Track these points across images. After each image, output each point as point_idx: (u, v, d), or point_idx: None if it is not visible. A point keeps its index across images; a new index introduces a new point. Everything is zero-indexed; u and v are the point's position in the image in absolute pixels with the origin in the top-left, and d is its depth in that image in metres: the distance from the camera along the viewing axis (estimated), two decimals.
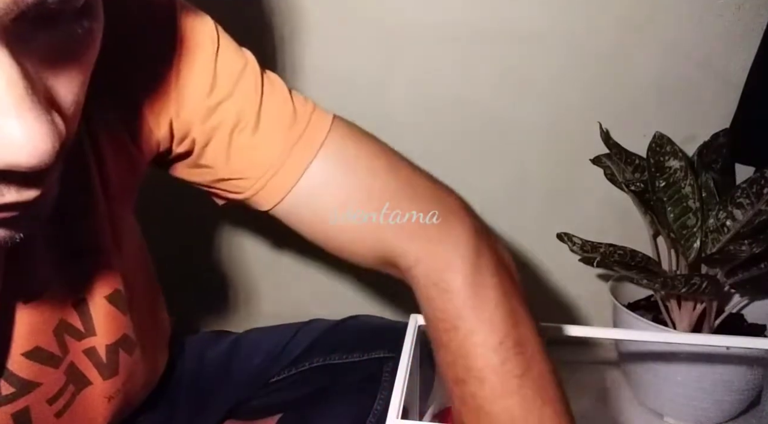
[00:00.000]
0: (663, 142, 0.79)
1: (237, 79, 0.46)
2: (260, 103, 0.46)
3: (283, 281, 1.02)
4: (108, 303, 0.46)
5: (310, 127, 0.47)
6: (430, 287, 0.46)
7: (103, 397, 0.48)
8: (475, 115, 0.91)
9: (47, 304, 0.42)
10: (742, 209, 0.75)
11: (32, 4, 0.23)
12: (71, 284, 0.44)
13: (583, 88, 0.89)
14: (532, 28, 0.86)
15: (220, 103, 0.45)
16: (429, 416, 0.65)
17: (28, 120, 0.23)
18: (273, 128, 0.47)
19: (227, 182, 0.49)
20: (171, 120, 0.46)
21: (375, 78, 0.89)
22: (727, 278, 0.79)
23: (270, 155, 0.47)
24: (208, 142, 0.47)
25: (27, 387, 0.42)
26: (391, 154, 0.51)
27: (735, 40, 0.85)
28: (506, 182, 0.95)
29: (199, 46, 0.45)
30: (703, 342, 0.62)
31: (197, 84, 0.45)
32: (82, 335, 0.45)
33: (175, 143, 0.47)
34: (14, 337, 0.41)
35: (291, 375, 0.67)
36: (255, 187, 0.48)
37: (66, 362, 0.45)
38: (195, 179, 0.51)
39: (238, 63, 0.46)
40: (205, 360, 0.69)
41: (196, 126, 0.46)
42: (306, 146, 0.47)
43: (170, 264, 0.99)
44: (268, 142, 0.47)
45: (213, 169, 0.48)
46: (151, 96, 0.44)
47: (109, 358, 0.47)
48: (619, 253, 0.77)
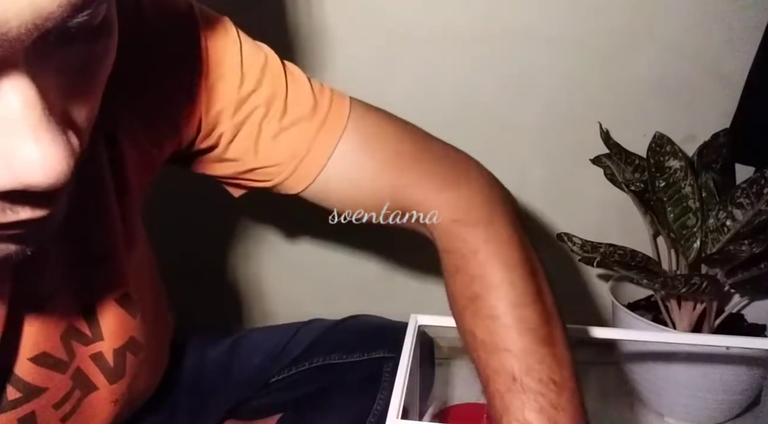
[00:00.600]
0: (663, 142, 0.79)
1: (263, 70, 0.48)
2: (286, 91, 0.49)
3: (283, 281, 1.02)
4: (118, 306, 0.47)
5: (332, 111, 0.50)
6: (450, 224, 0.50)
7: (109, 401, 0.48)
8: (476, 115, 0.91)
9: (55, 309, 0.42)
10: (742, 209, 0.75)
11: (53, 26, 0.22)
12: (81, 288, 0.44)
13: (583, 88, 0.89)
14: (533, 28, 0.86)
15: (251, 94, 0.47)
16: (429, 416, 0.65)
17: (45, 142, 0.24)
18: (299, 114, 0.49)
19: (255, 172, 0.51)
20: (200, 118, 0.47)
21: (375, 78, 0.89)
22: (727, 278, 0.79)
23: (298, 141, 0.49)
24: (236, 134, 0.48)
25: (33, 392, 0.42)
26: (404, 124, 0.54)
27: (735, 40, 0.85)
28: (506, 182, 0.95)
29: (223, 46, 0.46)
30: (703, 342, 0.62)
31: (227, 79, 0.46)
32: (89, 341, 0.46)
33: (200, 139, 0.48)
34: (22, 342, 0.41)
35: (291, 375, 0.67)
36: (284, 173, 0.50)
37: (72, 367, 0.45)
38: (217, 173, 0.52)
39: (260, 55, 0.48)
40: (206, 360, 0.69)
41: (226, 120, 0.47)
42: (331, 129, 0.49)
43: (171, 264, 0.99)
44: (296, 129, 0.49)
45: (239, 161, 0.50)
46: (179, 101, 0.45)
47: (116, 362, 0.47)
48: (619, 253, 0.77)
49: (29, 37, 0.22)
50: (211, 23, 0.46)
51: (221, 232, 0.99)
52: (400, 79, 0.89)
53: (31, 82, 0.23)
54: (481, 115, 0.91)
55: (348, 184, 0.51)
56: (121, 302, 0.47)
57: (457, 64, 0.88)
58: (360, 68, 0.88)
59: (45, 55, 0.24)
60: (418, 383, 0.56)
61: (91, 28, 0.25)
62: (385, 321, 0.72)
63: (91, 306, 0.45)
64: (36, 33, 0.22)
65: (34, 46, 0.23)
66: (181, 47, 0.45)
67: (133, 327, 0.48)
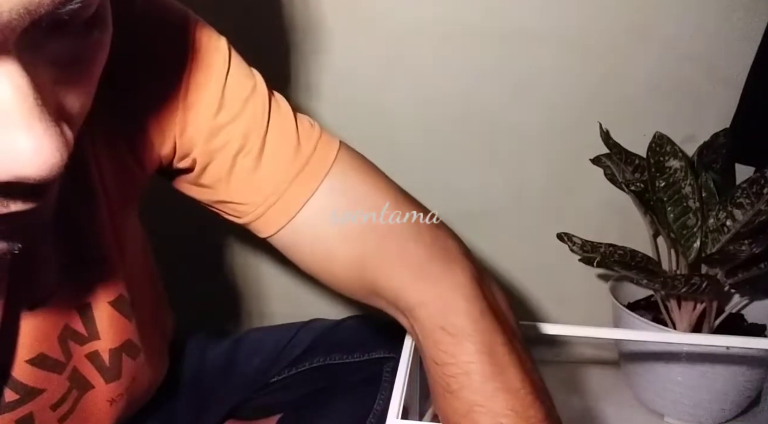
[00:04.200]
0: (663, 142, 0.79)
1: (245, 102, 0.45)
2: (266, 128, 0.46)
3: (283, 281, 1.02)
4: (112, 308, 0.46)
5: (315, 157, 0.46)
6: (437, 330, 0.45)
7: (105, 400, 0.48)
8: (476, 115, 0.91)
9: (52, 311, 0.42)
10: (742, 209, 0.75)
11: (45, 13, 0.22)
12: (76, 290, 0.44)
13: (583, 88, 0.89)
14: (533, 28, 0.86)
15: (226, 124, 0.45)
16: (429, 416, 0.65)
17: (38, 133, 0.23)
18: (277, 155, 0.46)
19: (226, 205, 0.48)
20: (175, 137, 0.45)
21: (375, 78, 0.89)
22: (727, 278, 0.79)
23: (272, 183, 0.46)
24: (209, 163, 0.46)
25: (31, 394, 0.42)
26: (395, 191, 0.49)
27: (735, 40, 0.85)
28: (506, 182, 0.95)
29: (210, 65, 0.44)
30: (703, 342, 0.62)
31: (205, 103, 0.44)
32: (85, 340, 0.45)
33: (176, 159, 0.47)
34: (19, 344, 0.40)
35: (291, 375, 0.67)
36: (254, 213, 0.47)
37: (70, 367, 0.44)
38: (195, 196, 0.50)
39: (247, 85, 0.45)
40: (206, 360, 0.69)
41: (199, 146, 0.45)
42: (309, 177, 0.46)
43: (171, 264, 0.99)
44: (271, 169, 0.46)
45: (213, 190, 0.48)
46: (157, 112, 0.44)
47: (112, 362, 0.47)
48: (619, 253, 0.77)
49: (21, 23, 0.22)
50: (203, 43, 0.44)
51: (221, 232, 0.99)
52: (400, 79, 0.89)
53: (23, 70, 0.23)
54: (482, 116, 0.91)
55: (316, 243, 0.47)
56: (115, 305, 0.46)
57: (457, 64, 0.88)
58: (360, 68, 0.88)
59: (37, 44, 0.24)
60: (418, 383, 0.56)
61: (84, 19, 0.25)
62: (385, 321, 0.72)
63: (87, 307, 0.45)
64: (28, 19, 0.22)
65: (26, 34, 0.23)
66: (168, 56, 0.43)
67: (129, 330, 0.48)
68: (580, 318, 1.02)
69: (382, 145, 0.93)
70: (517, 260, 1.00)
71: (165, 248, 0.98)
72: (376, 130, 0.92)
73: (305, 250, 0.48)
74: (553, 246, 0.80)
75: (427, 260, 0.46)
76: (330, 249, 0.47)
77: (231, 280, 1.02)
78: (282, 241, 0.48)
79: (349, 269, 0.47)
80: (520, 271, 1.00)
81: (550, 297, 1.02)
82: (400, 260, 0.46)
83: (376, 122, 0.92)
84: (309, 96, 0.89)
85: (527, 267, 1.00)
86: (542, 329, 0.57)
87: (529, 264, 1.00)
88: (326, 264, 0.48)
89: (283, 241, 0.48)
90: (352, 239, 0.46)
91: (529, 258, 0.99)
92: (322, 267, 0.48)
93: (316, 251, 0.47)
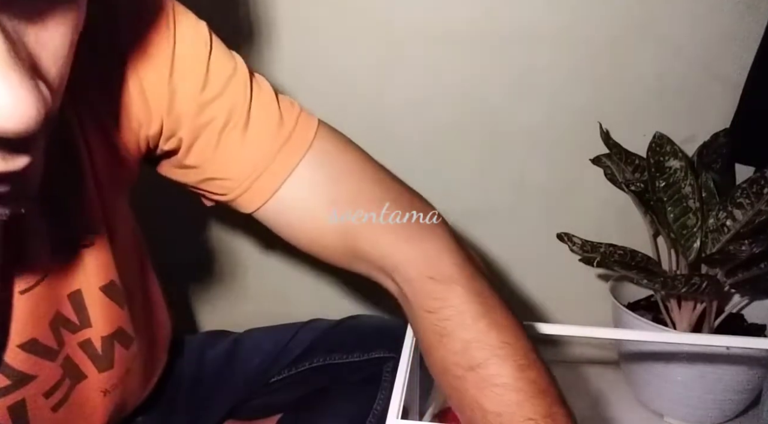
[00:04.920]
0: (663, 142, 0.79)
1: (228, 79, 0.47)
2: (249, 104, 0.47)
3: (282, 281, 1.02)
4: (103, 295, 0.47)
5: (296, 131, 0.48)
6: (426, 281, 0.47)
7: (98, 391, 0.48)
8: (476, 115, 0.91)
9: (43, 295, 0.42)
10: (742, 209, 0.75)
11: None
12: (67, 274, 0.44)
13: (584, 88, 0.89)
14: (533, 28, 0.86)
15: (212, 100, 0.46)
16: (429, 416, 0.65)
17: (13, 83, 0.23)
18: (260, 130, 0.48)
19: (212, 183, 0.49)
20: (162, 117, 0.46)
21: (375, 78, 0.89)
22: (727, 278, 0.79)
23: (256, 157, 0.47)
24: (195, 140, 0.47)
25: (23, 380, 0.42)
26: (372, 162, 0.52)
27: (735, 40, 0.85)
28: (506, 182, 0.95)
29: (192, 47, 0.46)
30: (703, 342, 0.62)
31: (191, 82, 0.45)
32: (77, 328, 0.46)
33: (163, 140, 0.48)
34: (11, 329, 0.41)
35: (291, 375, 0.67)
36: (240, 188, 0.48)
37: (62, 355, 0.45)
38: (180, 179, 0.51)
39: (228, 65, 0.47)
40: (205, 360, 0.69)
41: (186, 123, 0.46)
42: (292, 150, 0.48)
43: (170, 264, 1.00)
44: (256, 144, 0.47)
45: (199, 168, 0.49)
46: (143, 92, 0.45)
47: (104, 350, 0.47)
48: (619, 253, 0.77)
49: None
50: (184, 24, 0.45)
51: (221, 232, 0.99)
52: (400, 79, 0.89)
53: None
54: (482, 115, 0.91)
55: (302, 213, 0.49)
56: (106, 291, 0.47)
57: (457, 64, 0.88)
58: (360, 68, 0.88)
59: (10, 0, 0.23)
60: (418, 383, 0.56)
61: None
62: (385, 321, 0.72)
63: (78, 294, 0.45)
64: None
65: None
66: (151, 38, 0.44)
67: (120, 318, 0.48)
68: (580, 318, 1.02)
69: (382, 145, 0.93)
70: (517, 260, 1.00)
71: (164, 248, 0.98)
72: (376, 130, 0.92)
73: (292, 221, 0.49)
74: (553, 246, 0.80)
75: (408, 222, 0.49)
76: (315, 218, 0.48)
77: (231, 280, 1.02)
78: (267, 215, 0.49)
79: (335, 236, 0.49)
80: (520, 271, 1.00)
81: (550, 297, 1.02)
82: (391, 227, 0.49)
83: (376, 122, 0.92)
84: (308, 96, 0.89)
85: (527, 267, 1.00)
86: (542, 329, 0.57)
87: (529, 264, 1.00)
88: (313, 233, 0.49)
89: (268, 214, 0.49)
90: (338, 200, 0.48)
91: (529, 258, 0.99)
92: (308, 237, 0.50)
93: (303, 220, 0.49)
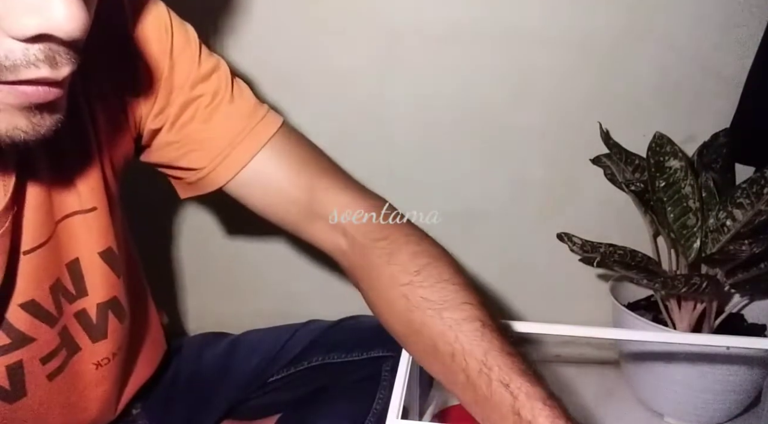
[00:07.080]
0: (663, 142, 0.79)
1: (213, 69, 0.54)
2: (231, 89, 0.55)
3: (282, 282, 1.02)
4: (101, 261, 0.49)
5: (266, 118, 0.56)
6: (373, 222, 0.53)
7: (91, 363, 0.50)
8: (476, 115, 0.91)
9: (45, 257, 0.44)
10: (742, 209, 0.75)
11: None
12: (69, 238, 0.47)
13: (584, 88, 0.89)
14: (533, 28, 0.86)
15: (203, 79, 0.53)
16: (429, 416, 0.65)
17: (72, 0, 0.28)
18: (238, 109, 0.55)
19: (190, 155, 0.54)
20: (158, 91, 0.52)
21: (375, 78, 0.89)
22: (727, 278, 0.79)
23: (232, 132, 0.54)
24: (182, 114, 0.53)
25: (22, 340, 0.44)
26: (326, 155, 0.59)
27: (735, 40, 0.85)
28: (506, 182, 0.95)
29: (186, 42, 0.53)
30: (703, 342, 0.62)
31: (188, 59, 0.52)
32: (74, 298, 0.48)
33: (152, 117, 0.53)
34: (15, 288, 0.43)
35: (289, 375, 0.67)
36: (217, 159, 0.54)
37: (60, 323, 0.47)
38: (159, 159, 0.55)
39: (213, 61, 0.55)
40: (204, 361, 0.69)
41: (178, 99, 0.52)
42: (262, 131, 0.55)
43: (170, 265, 0.99)
44: (233, 119, 0.54)
45: (179, 143, 0.54)
46: (143, 78, 0.51)
47: (98, 319, 0.50)
48: (619, 253, 0.77)
49: None
50: (175, 23, 0.52)
51: (220, 232, 0.99)
52: (400, 79, 0.89)
53: None
54: (481, 115, 0.91)
55: (268, 184, 0.55)
56: (104, 257, 0.49)
57: (457, 64, 0.88)
58: (360, 68, 0.88)
59: None
60: (418, 383, 0.56)
61: None
62: None
63: (76, 263, 0.48)
64: None
65: None
66: (151, 29, 0.50)
67: (116, 286, 0.51)
68: (580, 318, 1.02)
69: (382, 145, 0.93)
70: (516, 260, 1.00)
71: (165, 248, 0.98)
72: (376, 130, 0.92)
73: (256, 194, 0.55)
74: (553, 246, 0.80)
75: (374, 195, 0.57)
76: (281, 188, 0.55)
77: (230, 280, 1.02)
78: (237, 186, 0.55)
79: (299, 200, 0.55)
80: (520, 271, 1.00)
81: (550, 297, 1.02)
82: (345, 185, 0.56)
83: (376, 122, 0.91)
84: (308, 96, 0.89)
85: (527, 267, 1.00)
86: (542, 329, 0.57)
87: (529, 264, 1.00)
88: (277, 199, 0.55)
89: (237, 186, 0.55)
90: (300, 175, 0.55)
91: (529, 258, 0.99)
92: (274, 203, 0.56)
93: (269, 190, 0.55)
